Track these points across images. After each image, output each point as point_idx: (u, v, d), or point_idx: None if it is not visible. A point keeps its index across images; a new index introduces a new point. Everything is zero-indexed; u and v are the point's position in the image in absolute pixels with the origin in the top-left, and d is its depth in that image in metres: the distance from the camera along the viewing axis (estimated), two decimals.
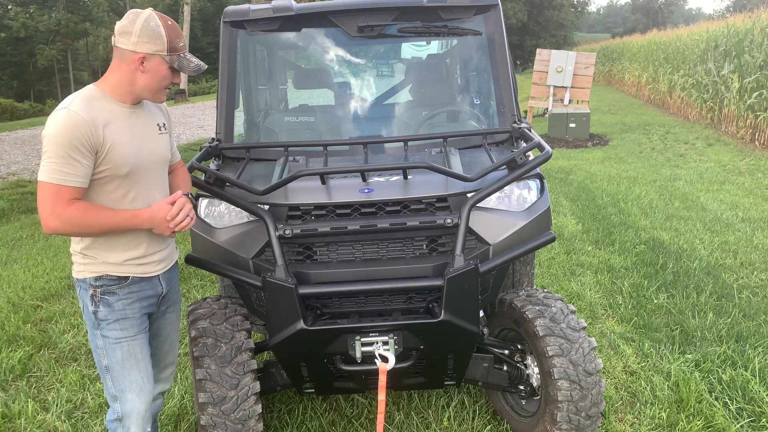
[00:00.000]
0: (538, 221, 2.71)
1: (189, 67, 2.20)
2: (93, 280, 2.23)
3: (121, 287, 2.25)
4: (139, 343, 2.33)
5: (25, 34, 47.22)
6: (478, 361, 2.91)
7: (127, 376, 2.30)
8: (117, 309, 2.26)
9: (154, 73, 2.15)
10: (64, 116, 2.03)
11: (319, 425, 3.22)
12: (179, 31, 2.19)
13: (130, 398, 2.31)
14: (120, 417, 2.33)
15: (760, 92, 12.19)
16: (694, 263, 5.38)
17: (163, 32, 2.11)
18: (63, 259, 6.40)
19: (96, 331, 2.27)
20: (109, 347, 2.27)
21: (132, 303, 2.29)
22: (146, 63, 2.12)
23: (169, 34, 2.13)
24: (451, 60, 4.06)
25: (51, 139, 2.02)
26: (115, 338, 2.27)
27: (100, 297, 2.23)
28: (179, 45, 2.16)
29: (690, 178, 9.21)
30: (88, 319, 2.29)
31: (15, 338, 4.40)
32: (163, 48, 2.11)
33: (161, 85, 2.20)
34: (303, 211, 2.65)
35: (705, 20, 24.79)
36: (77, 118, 2.04)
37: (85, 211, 2.07)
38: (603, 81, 34.67)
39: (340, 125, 3.48)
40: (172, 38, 2.13)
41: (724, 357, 3.74)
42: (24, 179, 11.74)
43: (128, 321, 2.29)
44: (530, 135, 2.86)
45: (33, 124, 21.05)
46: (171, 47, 2.13)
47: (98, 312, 2.24)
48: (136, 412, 2.33)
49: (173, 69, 2.18)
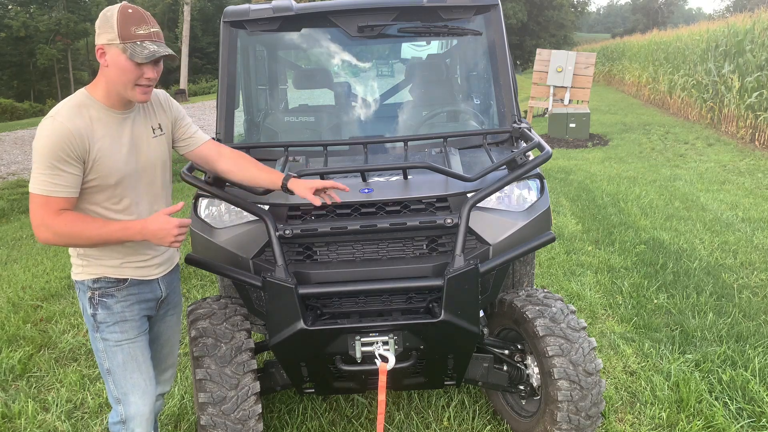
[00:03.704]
0: (538, 221, 2.71)
1: (141, 54, 2.02)
2: (91, 282, 2.21)
3: (119, 289, 2.22)
4: (139, 345, 2.30)
5: (25, 33, 47.25)
6: (478, 361, 2.91)
7: (129, 378, 2.28)
8: (116, 311, 2.23)
9: (115, 65, 2.02)
10: (50, 126, 2.00)
11: (319, 425, 3.22)
12: (142, 19, 2.03)
13: (133, 401, 2.29)
14: (124, 419, 2.31)
15: (760, 92, 12.19)
16: (694, 263, 5.37)
17: (114, 20, 1.99)
18: (63, 259, 6.40)
19: (96, 333, 2.25)
20: (110, 350, 2.25)
21: (131, 305, 2.26)
22: (107, 56, 2.03)
23: (123, 21, 1.99)
24: (451, 60, 4.06)
25: (37, 150, 2.00)
26: (116, 341, 2.24)
27: (99, 299, 2.21)
28: (136, 32, 2.01)
29: (690, 178, 9.21)
30: (87, 322, 2.27)
31: (15, 338, 4.40)
32: (115, 35, 1.99)
33: (129, 78, 2.05)
34: (303, 211, 2.65)
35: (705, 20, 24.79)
36: (62, 128, 1.99)
37: (74, 223, 2.02)
38: (603, 81, 34.66)
39: (340, 125, 3.48)
40: (125, 25, 1.99)
41: (724, 357, 3.74)
42: (24, 179, 11.75)
43: (128, 323, 2.26)
44: (530, 135, 2.86)
45: (33, 124, 21.07)
46: (123, 34, 1.99)
47: (97, 315, 2.22)
48: (140, 415, 2.31)
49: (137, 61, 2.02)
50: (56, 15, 49.87)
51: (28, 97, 46.82)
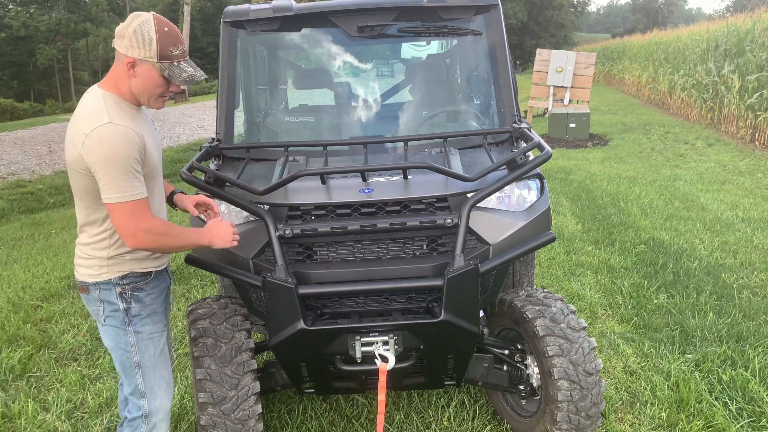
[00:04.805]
0: (538, 221, 2.71)
1: (180, 77, 2.12)
2: (118, 279, 2.24)
3: (146, 282, 2.30)
4: (165, 338, 2.40)
5: (25, 33, 47.24)
6: (478, 361, 2.91)
7: (158, 371, 2.35)
8: (147, 303, 2.31)
9: (144, 78, 2.10)
10: (113, 132, 2.02)
11: (319, 425, 3.22)
12: (177, 39, 2.11)
13: (159, 394, 2.36)
14: (146, 414, 2.35)
15: (760, 92, 12.19)
16: (694, 263, 5.38)
17: (154, 38, 2.05)
18: (63, 259, 6.40)
19: (128, 327, 2.28)
20: (142, 343, 2.31)
21: (156, 297, 2.35)
22: (137, 68, 2.09)
23: (162, 40, 2.06)
24: (451, 60, 4.06)
25: (111, 159, 2.01)
26: (149, 333, 2.32)
27: (131, 294, 2.26)
28: (173, 53, 2.09)
29: (690, 178, 9.21)
30: (114, 319, 2.28)
31: (15, 338, 4.40)
32: (153, 54, 2.06)
33: (155, 92, 2.14)
34: (303, 211, 2.65)
35: (705, 20, 24.79)
36: (127, 131, 2.05)
37: (165, 222, 2.16)
38: (603, 81, 34.66)
39: (340, 125, 3.48)
40: (164, 45, 2.07)
41: (724, 357, 3.74)
42: (24, 179, 11.75)
43: (157, 315, 2.36)
44: (530, 135, 2.86)
45: (33, 124, 21.06)
46: (162, 54, 2.07)
47: (131, 308, 2.27)
48: (164, 409, 2.39)
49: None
50: (56, 15, 49.85)
51: (28, 97, 46.77)
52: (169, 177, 10.26)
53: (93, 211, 2.18)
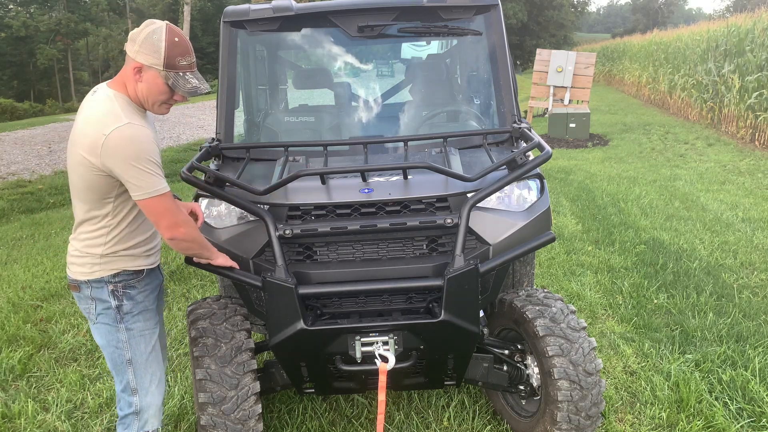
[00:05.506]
0: (538, 221, 2.71)
1: (184, 87, 2.17)
2: (110, 276, 2.27)
3: (138, 280, 2.33)
4: (157, 335, 2.43)
5: (25, 33, 47.20)
6: (478, 361, 2.91)
7: (149, 368, 2.38)
8: (139, 301, 2.34)
9: (150, 84, 2.16)
10: (134, 132, 2.08)
11: (319, 425, 3.22)
12: (186, 50, 2.16)
13: (150, 391, 2.40)
14: (138, 410, 2.38)
15: (760, 92, 12.19)
16: (694, 263, 5.37)
17: (162, 47, 2.10)
18: (63, 259, 6.39)
19: (119, 325, 2.31)
20: (134, 339, 2.34)
21: (148, 295, 2.38)
22: (143, 73, 2.14)
23: (170, 50, 2.11)
24: (451, 60, 4.06)
25: (137, 157, 2.06)
26: (140, 330, 2.35)
27: (123, 291, 2.29)
28: (180, 63, 2.14)
29: (690, 178, 9.21)
30: (106, 316, 2.32)
31: (15, 338, 4.40)
32: (159, 62, 2.11)
33: (158, 99, 2.20)
34: (303, 211, 2.65)
35: (705, 20, 24.77)
36: (143, 130, 2.11)
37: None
38: (603, 81, 34.66)
39: (340, 125, 3.47)
40: (172, 55, 2.11)
41: (724, 357, 3.74)
42: (24, 179, 11.74)
43: (149, 312, 2.39)
44: (530, 135, 2.86)
45: (33, 124, 21.03)
46: (168, 63, 2.12)
47: (123, 306, 2.30)
48: (155, 405, 2.42)
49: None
50: (56, 15, 49.78)
51: (28, 97, 46.72)
52: (169, 177, 10.25)
53: (93, 208, 2.21)
